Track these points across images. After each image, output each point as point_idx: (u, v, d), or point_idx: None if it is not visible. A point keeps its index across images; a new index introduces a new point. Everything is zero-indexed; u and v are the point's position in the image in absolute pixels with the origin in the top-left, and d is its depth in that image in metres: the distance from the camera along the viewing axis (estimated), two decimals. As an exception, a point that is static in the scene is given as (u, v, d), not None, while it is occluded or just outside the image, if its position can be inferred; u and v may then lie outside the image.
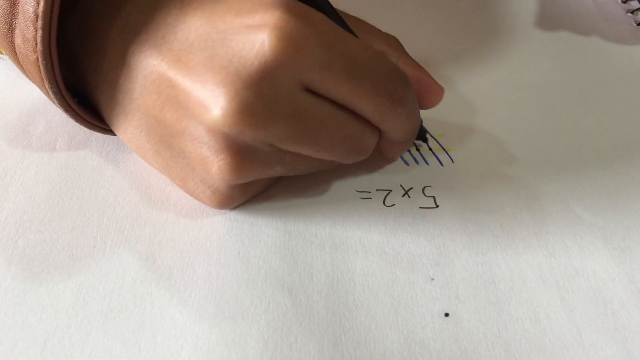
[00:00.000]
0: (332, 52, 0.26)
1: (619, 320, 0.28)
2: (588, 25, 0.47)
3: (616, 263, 0.30)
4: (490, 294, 0.29)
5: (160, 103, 0.28)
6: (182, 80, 0.26)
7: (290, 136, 0.27)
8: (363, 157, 0.31)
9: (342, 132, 0.28)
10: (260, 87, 0.25)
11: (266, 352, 0.26)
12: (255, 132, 0.26)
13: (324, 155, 0.29)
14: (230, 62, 0.26)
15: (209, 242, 0.30)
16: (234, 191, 0.30)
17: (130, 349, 0.26)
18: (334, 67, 0.26)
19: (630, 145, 0.37)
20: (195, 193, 0.31)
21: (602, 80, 0.42)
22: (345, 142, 0.29)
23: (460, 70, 0.42)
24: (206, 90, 0.26)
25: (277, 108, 0.26)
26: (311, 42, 0.26)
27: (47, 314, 0.27)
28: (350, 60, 0.27)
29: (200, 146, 0.27)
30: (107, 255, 0.29)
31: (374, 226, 0.32)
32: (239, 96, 0.25)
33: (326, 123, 0.28)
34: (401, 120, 0.30)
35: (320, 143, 0.28)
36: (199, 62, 0.26)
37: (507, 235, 0.31)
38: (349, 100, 0.28)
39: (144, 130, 0.30)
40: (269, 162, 0.28)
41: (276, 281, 0.29)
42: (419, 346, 0.27)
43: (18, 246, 0.30)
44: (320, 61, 0.26)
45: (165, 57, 0.27)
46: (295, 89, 0.26)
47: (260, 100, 0.26)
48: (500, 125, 0.38)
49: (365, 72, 0.27)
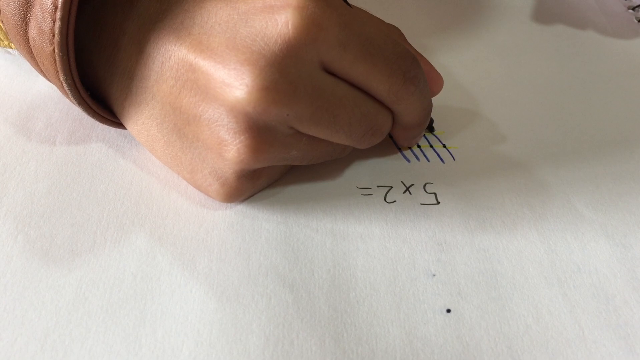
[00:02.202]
0: (351, 31, 0.27)
1: (621, 317, 0.28)
2: (588, 21, 0.47)
3: (618, 259, 0.30)
4: (492, 290, 0.29)
5: (177, 89, 0.28)
6: (203, 62, 0.27)
7: (311, 115, 0.27)
8: (378, 139, 0.31)
9: (360, 111, 0.29)
10: (284, 66, 0.26)
11: (267, 348, 0.26)
12: (279, 110, 0.26)
13: (341, 136, 0.29)
14: (254, 41, 0.26)
15: (209, 238, 0.30)
16: (242, 183, 0.30)
17: (131, 345, 0.26)
18: (352, 46, 0.27)
19: (631, 141, 0.37)
20: (203, 186, 0.31)
21: (603, 76, 0.42)
22: (362, 122, 0.29)
23: (459, 66, 0.42)
24: (230, 70, 0.26)
25: (300, 86, 0.27)
26: (332, 22, 0.26)
27: (47, 309, 0.27)
28: (367, 40, 0.28)
29: (218, 129, 0.27)
30: (107, 250, 0.29)
31: (375, 222, 0.31)
32: (264, 74, 0.26)
33: (344, 102, 0.28)
34: (414, 100, 0.30)
35: (339, 122, 0.28)
36: (221, 44, 0.27)
37: (509, 231, 0.31)
38: (365, 80, 0.28)
39: (157, 119, 0.30)
40: (287, 145, 0.29)
41: (277, 277, 0.29)
42: (420, 342, 0.27)
43: (18, 242, 0.29)
44: (339, 40, 0.27)
45: (184, 42, 0.27)
46: (316, 69, 0.27)
47: (284, 78, 0.26)
48: (501, 121, 0.38)
49: (380, 52, 0.28)
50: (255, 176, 0.31)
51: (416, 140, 0.35)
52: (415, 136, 0.34)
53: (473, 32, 0.45)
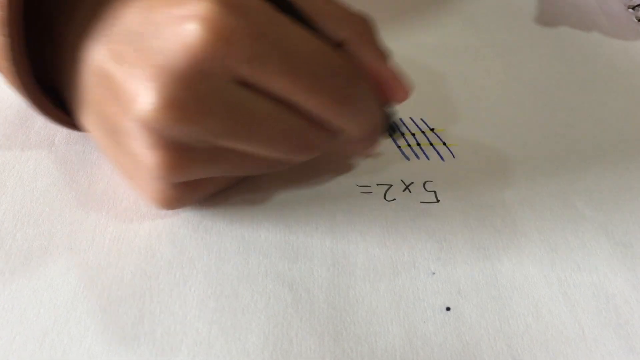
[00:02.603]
0: (266, 44, 0.25)
1: (621, 316, 0.28)
2: (588, 21, 0.47)
3: (618, 258, 0.30)
4: (491, 288, 0.29)
5: (104, 97, 0.27)
6: (117, 73, 0.26)
7: (225, 132, 0.26)
8: (313, 154, 0.29)
9: (283, 126, 0.27)
10: (189, 81, 0.24)
11: (266, 347, 0.26)
12: (185, 127, 0.25)
13: (267, 152, 0.27)
14: (159, 54, 0.25)
15: (208, 236, 0.30)
16: (178, 192, 0.29)
17: (130, 343, 0.26)
18: (269, 60, 0.25)
19: (631, 140, 0.37)
20: (141, 192, 0.29)
21: (603, 76, 0.42)
22: (287, 138, 0.27)
23: (461, 66, 0.42)
24: (137, 84, 0.25)
25: (209, 102, 0.25)
26: (242, 34, 0.24)
27: (46, 308, 0.27)
28: (287, 54, 0.25)
29: (135, 143, 0.26)
30: (106, 249, 0.29)
31: (375, 221, 0.31)
32: (167, 90, 0.24)
33: (263, 118, 0.26)
34: (350, 119, 0.28)
35: (260, 138, 0.27)
36: (132, 55, 0.25)
37: (509, 230, 0.31)
38: (288, 96, 0.26)
39: (96, 125, 0.29)
40: (212, 159, 0.27)
41: (276, 276, 0.29)
42: (420, 340, 0.27)
43: (16, 240, 0.29)
44: (252, 54, 0.25)
45: (105, 50, 0.26)
46: (229, 83, 0.25)
47: (190, 94, 0.24)
48: (501, 119, 0.38)
49: (304, 67, 0.26)
50: (192, 187, 0.29)
51: (367, 152, 0.33)
52: (362, 149, 0.32)
53: (473, 31, 0.45)
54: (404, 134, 0.35)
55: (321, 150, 0.29)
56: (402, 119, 0.37)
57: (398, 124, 0.34)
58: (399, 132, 0.34)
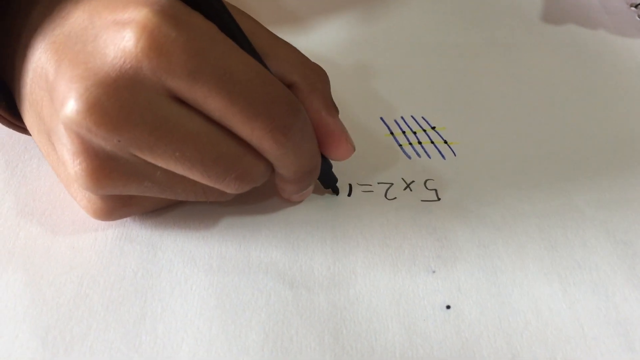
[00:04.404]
0: (203, 62, 0.24)
1: (620, 313, 0.28)
2: (591, 19, 0.47)
3: (618, 256, 0.30)
4: (491, 286, 0.29)
5: (42, 98, 0.26)
6: (53, 73, 0.25)
7: (151, 146, 0.25)
8: (247, 185, 0.27)
9: (216, 150, 0.26)
10: (115, 87, 0.23)
11: (267, 345, 0.26)
12: (106, 134, 0.24)
13: (197, 175, 0.26)
14: (93, 57, 0.24)
15: (209, 234, 0.30)
16: (108, 205, 0.28)
17: (131, 341, 0.26)
18: (204, 78, 0.24)
19: (633, 138, 0.37)
20: (76, 199, 0.29)
21: (605, 74, 0.42)
22: (220, 164, 0.26)
23: (463, 64, 0.42)
24: (65, 85, 0.24)
25: (134, 112, 0.24)
26: (179, 47, 0.23)
27: (49, 306, 0.27)
28: (225, 75, 0.24)
29: (62, 148, 0.26)
30: (108, 247, 0.29)
31: (376, 219, 0.31)
32: (89, 93, 0.23)
33: (194, 138, 0.25)
34: (286, 152, 0.27)
35: (190, 159, 0.25)
36: (68, 56, 0.25)
37: (509, 227, 0.31)
38: (223, 118, 0.25)
39: (36, 129, 0.28)
40: (136, 175, 0.26)
41: (277, 274, 0.29)
42: (420, 338, 0.27)
43: (20, 238, 0.30)
44: (187, 69, 0.24)
45: (47, 50, 0.26)
46: (160, 96, 0.24)
47: (114, 100, 0.24)
48: (503, 118, 0.38)
49: (242, 89, 0.25)
50: (123, 201, 0.29)
51: (298, 197, 0.31)
52: (293, 193, 0.30)
53: (474, 29, 0.45)
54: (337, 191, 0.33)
55: (256, 182, 0.28)
56: (404, 117, 0.38)
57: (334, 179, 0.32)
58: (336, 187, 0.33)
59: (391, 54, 0.42)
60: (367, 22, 0.44)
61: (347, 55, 0.42)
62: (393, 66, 0.41)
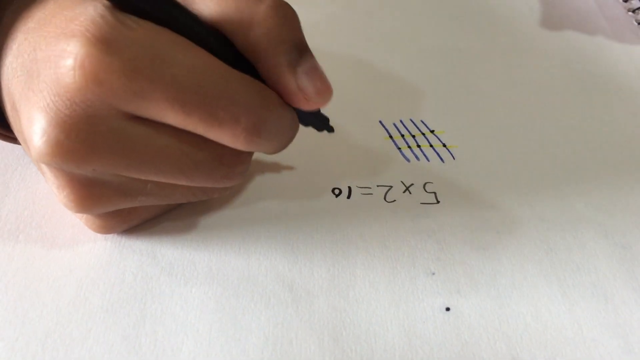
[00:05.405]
0: (142, 80, 0.23)
1: (619, 316, 0.28)
2: (589, 24, 0.47)
3: (617, 259, 0.30)
4: (491, 288, 0.29)
5: (19, 126, 0.26)
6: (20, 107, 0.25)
7: (126, 168, 0.25)
8: (240, 177, 0.27)
9: (191, 160, 0.25)
10: (71, 124, 0.23)
11: (266, 348, 0.26)
12: (79, 166, 0.24)
13: (184, 182, 0.26)
14: (42, 95, 0.24)
15: (209, 237, 0.30)
16: (106, 220, 0.28)
17: (131, 344, 0.26)
18: (151, 95, 0.23)
19: (631, 142, 0.37)
20: (76, 217, 0.29)
21: (603, 78, 0.42)
22: (201, 169, 0.26)
23: (462, 68, 0.42)
24: (26, 125, 0.24)
25: (98, 143, 0.24)
26: (115, 72, 0.23)
27: (48, 309, 0.27)
28: (172, 84, 0.23)
29: (47, 179, 0.26)
30: (107, 250, 0.29)
31: (375, 221, 0.31)
32: (47, 135, 0.23)
33: (166, 152, 0.25)
34: (264, 146, 0.26)
35: (168, 172, 0.25)
36: (24, 92, 0.25)
37: (508, 230, 0.31)
38: (187, 129, 0.24)
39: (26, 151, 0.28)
40: (126, 193, 0.26)
41: (276, 277, 0.29)
42: (419, 340, 0.27)
43: (19, 241, 0.30)
44: (131, 91, 0.23)
45: (12, 79, 0.26)
46: (119, 120, 0.24)
47: (74, 137, 0.23)
48: (501, 122, 0.38)
49: (194, 98, 0.23)
50: (120, 215, 0.29)
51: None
52: None
53: (474, 34, 0.45)
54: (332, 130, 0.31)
55: (247, 169, 0.28)
56: (403, 120, 0.38)
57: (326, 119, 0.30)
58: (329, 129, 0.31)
59: (391, 57, 0.42)
60: (367, 26, 0.44)
61: (347, 59, 0.42)
62: (392, 70, 0.41)
